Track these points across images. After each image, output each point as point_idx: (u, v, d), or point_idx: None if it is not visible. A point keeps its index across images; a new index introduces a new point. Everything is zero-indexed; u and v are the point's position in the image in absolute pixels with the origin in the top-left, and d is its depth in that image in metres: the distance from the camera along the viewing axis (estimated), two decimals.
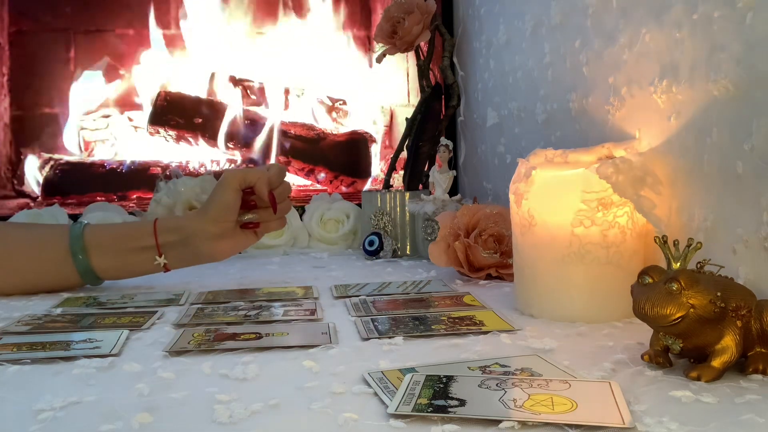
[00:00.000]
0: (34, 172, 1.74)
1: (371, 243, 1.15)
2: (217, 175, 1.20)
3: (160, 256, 0.89)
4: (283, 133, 1.77)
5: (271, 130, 1.77)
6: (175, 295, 0.86)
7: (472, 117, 1.35)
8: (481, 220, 0.94)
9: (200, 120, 1.77)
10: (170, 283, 0.96)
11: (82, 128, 1.80)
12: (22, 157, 1.75)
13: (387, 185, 1.29)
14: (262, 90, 1.86)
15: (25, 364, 0.57)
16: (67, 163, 1.71)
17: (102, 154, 1.79)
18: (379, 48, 1.31)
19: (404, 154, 1.31)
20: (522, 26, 1.07)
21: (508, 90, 1.15)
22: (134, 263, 0.90)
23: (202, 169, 1.71)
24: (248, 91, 1.85)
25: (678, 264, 0.50)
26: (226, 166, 1.74)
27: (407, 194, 1.17)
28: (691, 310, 0.47)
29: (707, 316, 0.47)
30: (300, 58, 1.89)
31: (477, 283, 0.91)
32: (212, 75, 1.85)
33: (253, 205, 0.92)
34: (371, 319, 0.69)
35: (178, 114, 1.77)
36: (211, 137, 1.78)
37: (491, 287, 0.88)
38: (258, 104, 1.85)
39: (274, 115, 1.80)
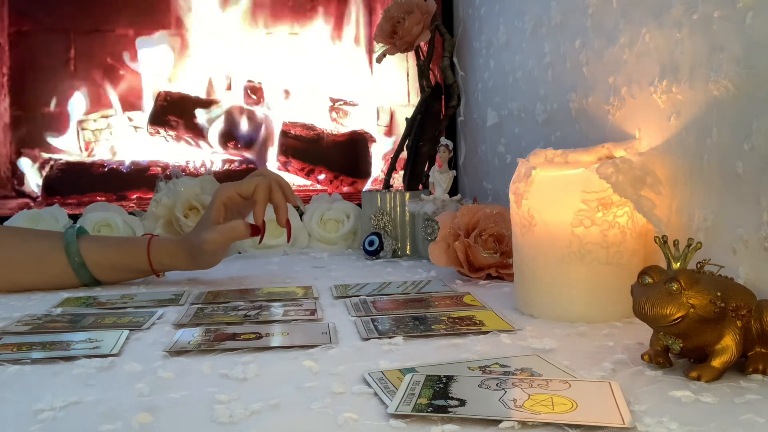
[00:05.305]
0: (34, 172, 1.74)
1: (371, 243, 1.15)
2: (217, 175, 1.19)
3: (159, 276, 0.97)
4: (283, 133, 1.77)
5: (271, 131, 1.77)
6: (175, 295, 0.86)
7: (472, 117, 1.35)
8: (481, 220, 0.94)
9: (200, 120, 1.77)
10: (170, 283, 0.96)
11: (83, 128, 1.80)
12: (22, 157, 1.75)
13: (387, 185, 1.29)
14: (262, 90, 1.86)
15: (25, 364, 0.57)
16: (67, 163, 1.71)
17: (102, 154, 1.79)
18: (379, 48, 1.31)
19: (404, 154, 1.31)
20: (522, 26, 1.07)
21: (508, 90, 1.15)
22: (133, 277, 0.97)
23: (202, 169, 1.71)
24: (248, 91, 1.85)
25: (678, 264, 0.50)
26: (226, 167, 1.74)
27: (407, 194, 1.17)
28: (691, 310, 0.47)
29: (707, 316, 0.47)
30: (300, 57, 1.89)
31: (477, 283, 0.91)
32: (212, 75, 1.85)
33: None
34: (371, 319, 0.69)
35: (178, 114, 1.77)
36: (211, 137, 1.77)
37: (491, 287, 0.88)
38: (258, 104, 1.84)
39: (273, 115, 1.80)
